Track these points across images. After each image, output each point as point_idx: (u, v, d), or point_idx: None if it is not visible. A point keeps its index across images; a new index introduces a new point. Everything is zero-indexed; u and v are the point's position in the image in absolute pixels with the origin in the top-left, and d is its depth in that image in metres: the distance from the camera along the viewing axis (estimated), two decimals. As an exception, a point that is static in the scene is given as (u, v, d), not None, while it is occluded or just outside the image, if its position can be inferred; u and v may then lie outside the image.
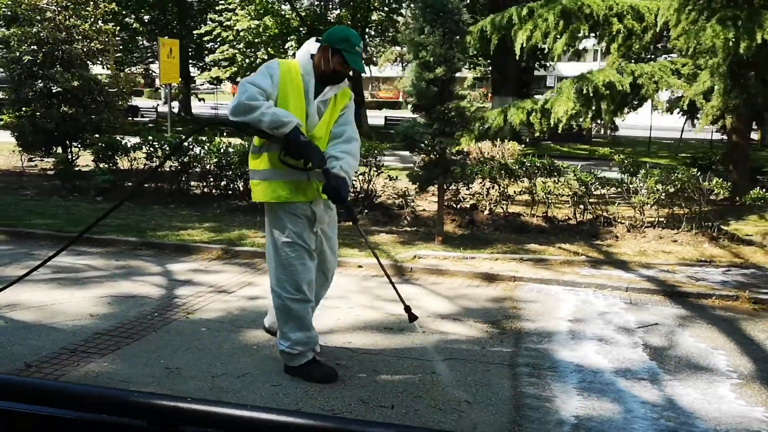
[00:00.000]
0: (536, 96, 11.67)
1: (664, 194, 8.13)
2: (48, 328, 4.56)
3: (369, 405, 3.59)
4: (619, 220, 8.44)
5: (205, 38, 23.87)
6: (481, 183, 8.90)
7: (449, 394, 3.74)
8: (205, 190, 9.94)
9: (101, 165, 10.37)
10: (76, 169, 11.31)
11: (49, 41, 11.82)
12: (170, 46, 17.08)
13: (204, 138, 10.02)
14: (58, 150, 12.10)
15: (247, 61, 24.31)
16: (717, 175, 8.61)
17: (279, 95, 3.68)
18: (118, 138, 10.46)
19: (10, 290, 5.18)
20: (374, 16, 29.07)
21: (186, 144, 9.87)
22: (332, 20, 26.61)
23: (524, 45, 9.13)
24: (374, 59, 36.62)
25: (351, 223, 4.08)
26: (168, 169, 10.04)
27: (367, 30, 29.93)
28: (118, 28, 13.03)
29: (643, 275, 6.44)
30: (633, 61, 10.19)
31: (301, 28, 26.14)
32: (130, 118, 21.09)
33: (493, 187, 8.94)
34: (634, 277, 6.35)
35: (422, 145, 7.45)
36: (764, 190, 8.25)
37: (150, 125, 23.05)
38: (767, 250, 7.71)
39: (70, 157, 12.53)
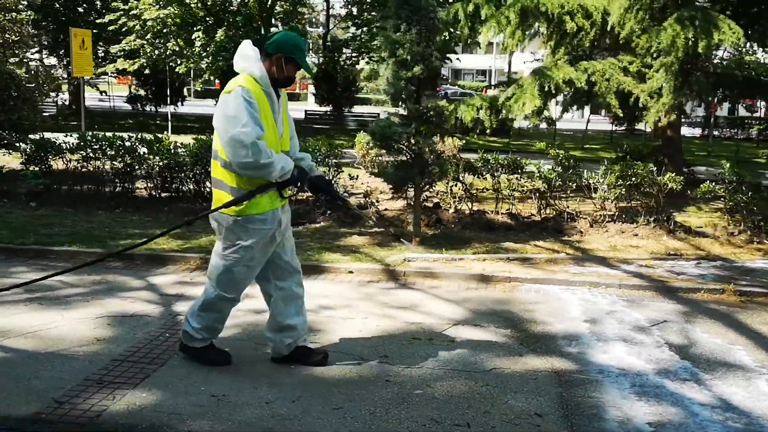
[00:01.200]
0: (489, 92, 11.72)
1: (623, 189, 8.40)
2: (58, 357, 4.15)
3: (443, 424, 3.47)
4: (581, 216, 8.65)
5: (110, 28, 22.61)
6: (445, 181, 8.88)
7: (515, 407, 3.68)
8: (152, 192, 9.41)
9: (31, 167, 9.60)
10: (-2, 171, 10.42)
11: (-40, 32, 10.84)
12: (82, 36, 16.10)
13: (149, 137, 9.49)
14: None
15: (156, 52, 23.19)
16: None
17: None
18: (49, 138, 9.71)
19: None
20: (278, 7, 28.50)
21: (130, 143, 9.33)
22: (234, 9, 25.80)
23: (484, 40, 9.22)
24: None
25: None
26: (108, 170, 9.46)
27: (273, 21, 29.39)
28: (29, 16, 12.08)
29: (627, 271, 6.63)
30: (569, 60, 10.43)
31: (207, 18, 25.27)
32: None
33: (456, 185, 8.95)
34: (620, 274, 6.52)
35: (399, 145, 7.35)
36: (714, 183, 8.67)
37: (50, 120, 21.57)
38: (722, 242, 8.14)
39: (-16, 158, 11.58)
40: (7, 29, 11.33)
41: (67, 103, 30.84)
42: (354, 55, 32.92)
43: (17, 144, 11.42)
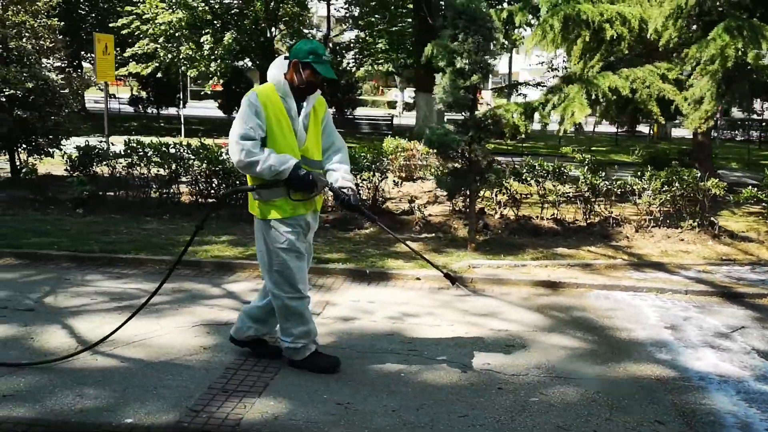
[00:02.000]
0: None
1: (669, 195, 8.52)
2: (174, 366, 4.24)
3: None
4: (625, 221, 8.77)
5: (123, 32, 22.63)
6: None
7: (634, 414, 3.79)
8: (198, 199, 9.47)
9: (75, 174, 9.65)
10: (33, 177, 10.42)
11: (-2, 39, 10.87)
12: (105, 41, 16.19)
13: (194, 143, 9.56)
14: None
15: (169, 56, 23.24)
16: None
17: (267, 126, 3.92)
18: (94, 143, 9.76)
19: (87, 325, 4.81)
20: (281, 10, 28.54)
21: (175, 149, 9.40)
22: (240, 12, 25.81)
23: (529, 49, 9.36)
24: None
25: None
26: (153, 176, 9.53)
27: (276, 24, 29.50)
28: (62, 23, 12.10)
29: (688, 277, 6.75)
30: (601, 67, 10.56)
31: (215, 21, 25.34)
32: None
33: (501, 191, 9.06)
34: (682, 280, 6.65)
35: (456, 152, 7.46)
36: (755, 188, 8.80)
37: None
38: (766, 246, 8.27)
39: (18, 165, 11.62)
40: (41, 35, 11.36)
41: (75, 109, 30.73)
42: (359, 57, 33.09)
43: (50, 150, 11.51)
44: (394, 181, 9.48)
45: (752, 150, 23.81)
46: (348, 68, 34.05)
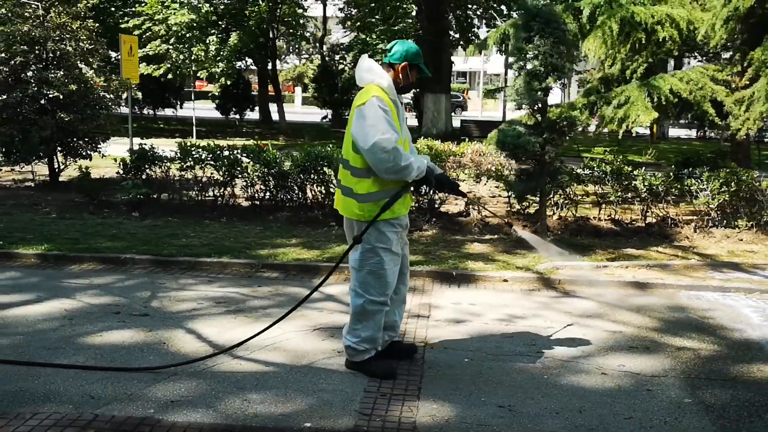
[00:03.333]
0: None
1: (727, 195, 8.62)
2: (320, 370, 4.25)
3: None
4: (683, 222, 8.86)
5: (135, 33, 22.46)
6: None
7: (790, 413, 3.85)
8: (254, 202, 9.45)
9: (129, 176, 9.60)
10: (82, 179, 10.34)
11: (40, 40, 10.78)
12: (130, 43, 16.13)
13: (249, 146, 9.55)
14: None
15: (181, 57, 23.13)
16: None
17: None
18: (148, 146, 9.70)
19: (212, 329, 4.81)
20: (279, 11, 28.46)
21: (229, 152, 9.38)
22: (246, 13, 25.72)
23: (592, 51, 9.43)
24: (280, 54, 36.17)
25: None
26: (206, 179, 9.51)
27: (277, 25, 29.53)
28: (98, 26, 12.01)
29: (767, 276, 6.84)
30: (645, 69, 10.66)
31: (219, 22, 25.31)
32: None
33: (557, 192, 9.11)
34: (762, 279, 6.73)
35: (528, 154, 7.51)
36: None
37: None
38: (826, 246, 8.39)
39: (57, 167, 11.54)
40: (80, 37, 11.27)
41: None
42: (359, 57, 33.04)
43: (89, 152, 11.44)
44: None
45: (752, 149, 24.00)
46: (346, 68, 34.07)
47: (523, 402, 3.90)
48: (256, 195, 9.40)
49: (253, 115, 33.73)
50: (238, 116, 32.26)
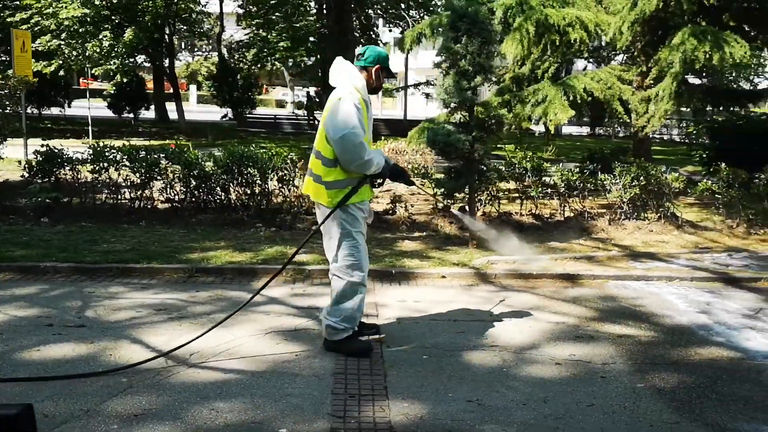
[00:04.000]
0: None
1: (637, 189, 9.10)
2: (282, 374, 4.17)
3: (692, 410, 3.84)
4: (598, 215, 9.28)
5: (23, 27, 21.11)
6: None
7: (744, 392, 4.11)
8: (175, 204, 9.12)
9: (35, 180, 9.06)
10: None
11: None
12: (23, 38, 15.29)
13: (169, 147, 9.21)
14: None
15: (74, 53, 21.97)
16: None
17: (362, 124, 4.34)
18: (53, 147, 9.17)
19: (166, 337, 4.63)
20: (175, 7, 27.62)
21: (146, 153, 9.02)
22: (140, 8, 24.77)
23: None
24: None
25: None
26: (122, 182, 9.11)
27: (174, 21, 28.71)
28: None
29: (683, 265, 7.27)
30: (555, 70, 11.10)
31: (113, 17, 24.24)
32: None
33: (481, 189, 9.31)
34: (680, 267, 7.15)
35: (459, 152, 7.63)
36: (710, 181, 9.55)
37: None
38: (727, 234, 9.00)
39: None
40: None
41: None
42: (260, 55, 32.59)
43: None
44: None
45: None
46: (247, 66, 33.53)
47: (489, 395, 3.97)
48: (176, 197, 9.08)
49: (149, 114, 32.55)
50: (132, 115, 31.03)
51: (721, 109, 11.56)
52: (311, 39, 31.01)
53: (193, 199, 9.06)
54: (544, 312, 5.65)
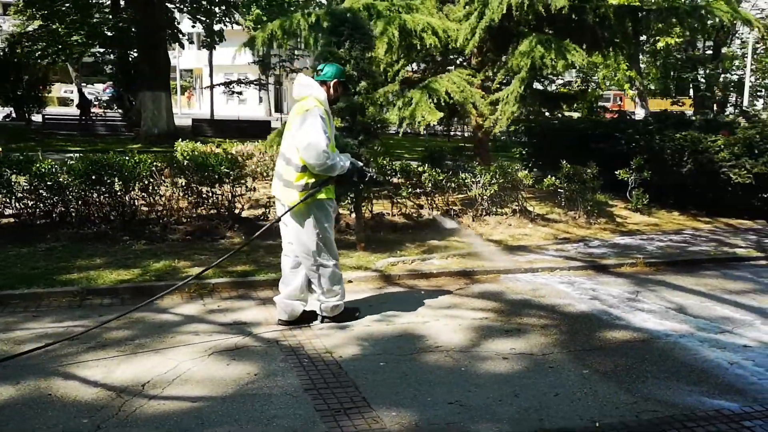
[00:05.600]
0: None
1: (497, 186, 9.74)
2: (256, 397, 3.99)
3: (632, 384, 4.27)
4: (462, 212, 9.80)
5: None
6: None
7: (663, 366, 4.62)
8: (26, 220, 8.21)
9: None
10: None
11: None
12: None
13: (15, 157, 8.26)
14: None
15: None
16: (459, 167, 10.44)
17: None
18: None
19: (104, 369, 4.52)
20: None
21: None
22: None
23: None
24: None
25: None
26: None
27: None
28: None
29: (555, 256, 7.93)
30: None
31: None
32: None
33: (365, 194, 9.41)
34: (553, 258, 7.79)
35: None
36: (554, 177, 10.44)
37: None
38: (573, 225, 9.93)
39: None
40: None
41: None
42: (49, 50, 30.02)
43: None
44: (246, 187, 9.22)
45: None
46: (31, 60, 30.70)
47: (465, 396, 4.12)
48: (26, 211, 8.18)
49: None
50: None
51: (546, 111, 12.67)
52: (108, 33, 29.02)
53: (43, 214, 8.22)
54: (462, 309, 5.91)
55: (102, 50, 31.74)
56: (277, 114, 46.34)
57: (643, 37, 21.01)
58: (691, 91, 37.53)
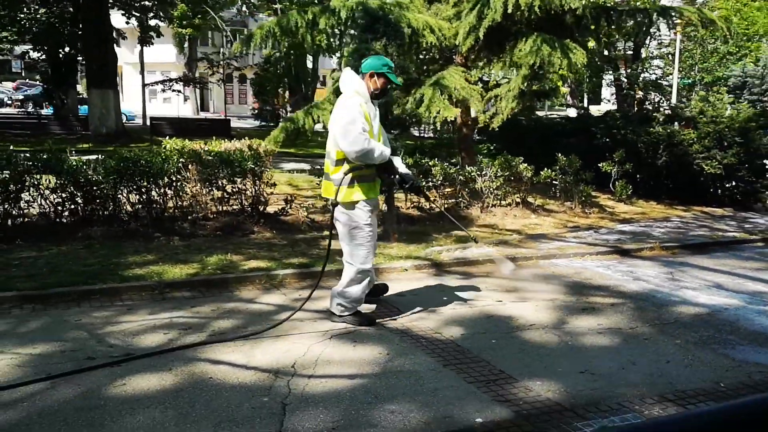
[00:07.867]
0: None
1: (503, 179, 10.18)
2: (423, 374, 4.23)
3: (650, 362, 4.75)
4: (471, 204, 10.19)
5: None
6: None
7: (735, 336, 5.12)
8: (55, 218, 8.05)
9: None
10: None
11: None
12: None
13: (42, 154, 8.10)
14: None
15: None
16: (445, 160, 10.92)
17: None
18: None
19: (245, 354, 4.51)
20: None
21: (15, 160, 7.87)
22: None
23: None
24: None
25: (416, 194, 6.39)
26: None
27: None
28: None
29: (577, 242, 8.42)
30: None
31: None
32: None
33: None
34: (577, 244, 8.28)
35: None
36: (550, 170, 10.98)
37: None
38: (569, 215, 10.49)
39: None
40: None
41: None
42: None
43: None
44: (266, 182, 9.30)
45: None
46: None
47: (589, 365, 4.48)
48: (57, 210, 8.03)
49: None
50: None
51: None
52: (35, 29, 27.94)
53: (76, 213, 8.10)
54: (526, 292, 6.29)
55: (30, 47, 30.62)
56: (203, 113, 45.69)
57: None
58: (614, 89, 39.14)
